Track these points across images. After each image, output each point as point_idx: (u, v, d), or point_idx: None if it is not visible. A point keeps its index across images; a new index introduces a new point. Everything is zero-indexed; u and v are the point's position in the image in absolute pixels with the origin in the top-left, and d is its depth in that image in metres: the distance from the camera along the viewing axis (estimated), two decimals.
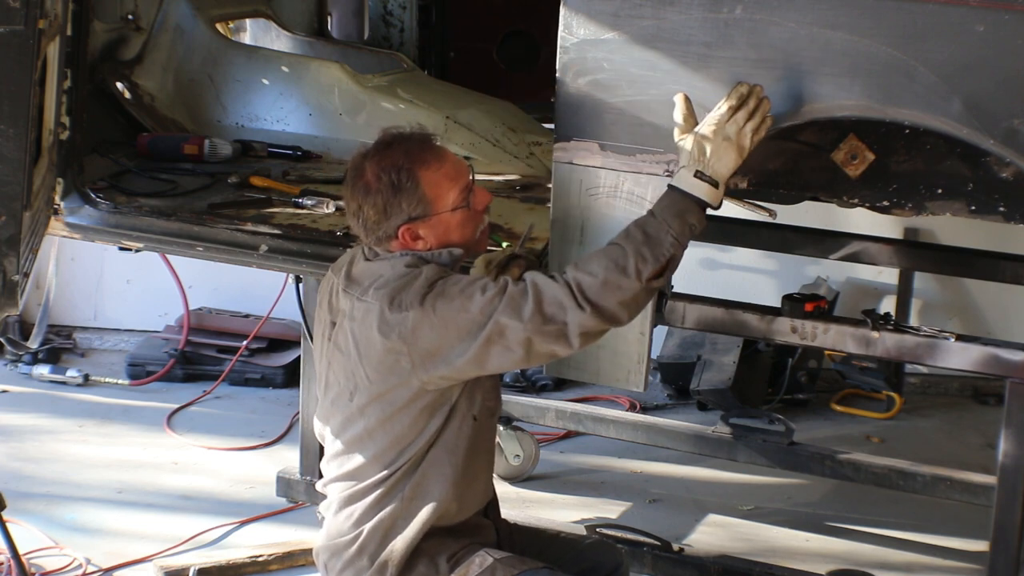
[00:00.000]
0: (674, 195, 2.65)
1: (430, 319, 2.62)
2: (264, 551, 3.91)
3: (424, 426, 2.73)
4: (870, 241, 4.15)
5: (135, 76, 4.11)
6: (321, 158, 4.05)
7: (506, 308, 2.59)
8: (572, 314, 2.57)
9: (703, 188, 2.64)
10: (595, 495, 4.47)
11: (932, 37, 2.61)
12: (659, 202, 2.66)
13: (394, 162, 2.73)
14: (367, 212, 2.75)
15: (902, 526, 4.26)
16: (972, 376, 5.22)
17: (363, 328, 2.71)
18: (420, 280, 2.66)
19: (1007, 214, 2.81)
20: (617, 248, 2.61)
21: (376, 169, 2.74)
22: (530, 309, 2.57)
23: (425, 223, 2.75)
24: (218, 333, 5.48)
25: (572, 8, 2.87)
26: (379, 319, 2.67)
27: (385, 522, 2.76)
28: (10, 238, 3.23)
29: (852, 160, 2.87)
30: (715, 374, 4.99)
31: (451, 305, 2.62)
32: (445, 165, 2.78)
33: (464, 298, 2.62)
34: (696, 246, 4.80)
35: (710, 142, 2.64)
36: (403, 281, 2.68)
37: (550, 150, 3.05)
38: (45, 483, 4.45)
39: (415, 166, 2.73)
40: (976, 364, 2.97)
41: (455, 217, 2.77)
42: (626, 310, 2.60)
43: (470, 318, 2.61)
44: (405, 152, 2.75)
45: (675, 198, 2.64)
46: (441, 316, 2.62)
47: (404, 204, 2.73)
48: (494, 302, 2.60)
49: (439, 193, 2.75)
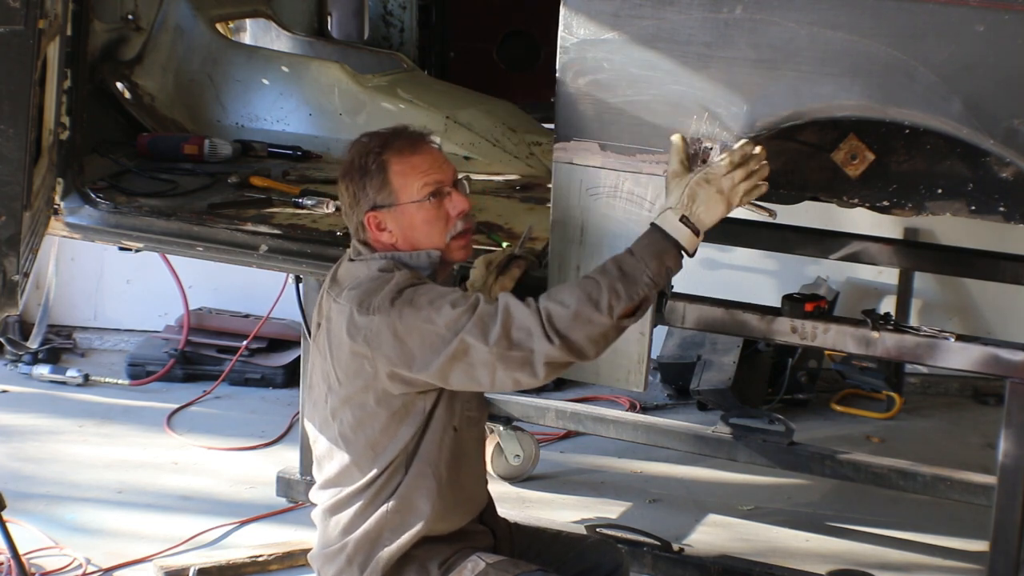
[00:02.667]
0: (655, 235, 2.62)
1: (395, 326, 2.59)
2: (264, 551, 3.91)
3: (396, 433, 2.71)
4: (870, 241, 4.15)
5: (135, 76, 4.11)
6: (321, 158, 4.05)
7: (473, 328, 2.54)
8: (539, 343, 2.51)
9: (685, 233, 2.61)
10: (595, 495, 4.47)
11: (932, 37, 2.61)
12: (639, 240, 2.62)
13: (369, 148, 2.76)
14: (342, 195, 2.80)
15: (902, 526, 4.26)
16: (972, 376, 5.22)
17: (335, 330, 2.70)
18: (391, 285, 2.63)
19: (1007, 214, 2.82)
20: (592, 282, 2.55)
21: (353, 154, 2.78)
22: (497, 333, 2.52)
23: (390, 212, 2.74)
24: (218, 333, 5.48)
25: (572, 8, 2.87)
26: (348, 321, 2.65)
27: (371, 533, 2.75)
28: (10, 238, 3.23)
29: (852, 160, 2.87)
30: (715, 374, 4.99)
31: (418, 315, 2.58)
32: (417, 156, 2.76)
33: (432, 309, 2.57)
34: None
35: (703, 190, 2.63)
36: (374, 284, 2.66)
37: (550, 150, 3.05)
38: (45, 483, 4.45)
39: (386, 153, 2.75)
40: (976, 364, 2.96)
41: (419, 212, 2.74)
42: (594, 346, 2.55)
43: (435, 331, 2.56)
44: (385, 140, 2.77)
45: (656, 238, 2.61)
46: (406, 324, 2.58)
47: (370, 189, 2.74)
48: (461, 319, 2.55)
49: (405, 183, 2.74)
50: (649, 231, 2.63)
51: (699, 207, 2.63)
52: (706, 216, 2.63)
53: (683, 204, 2.63)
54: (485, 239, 3.33)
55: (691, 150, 2.81)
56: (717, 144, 2.79)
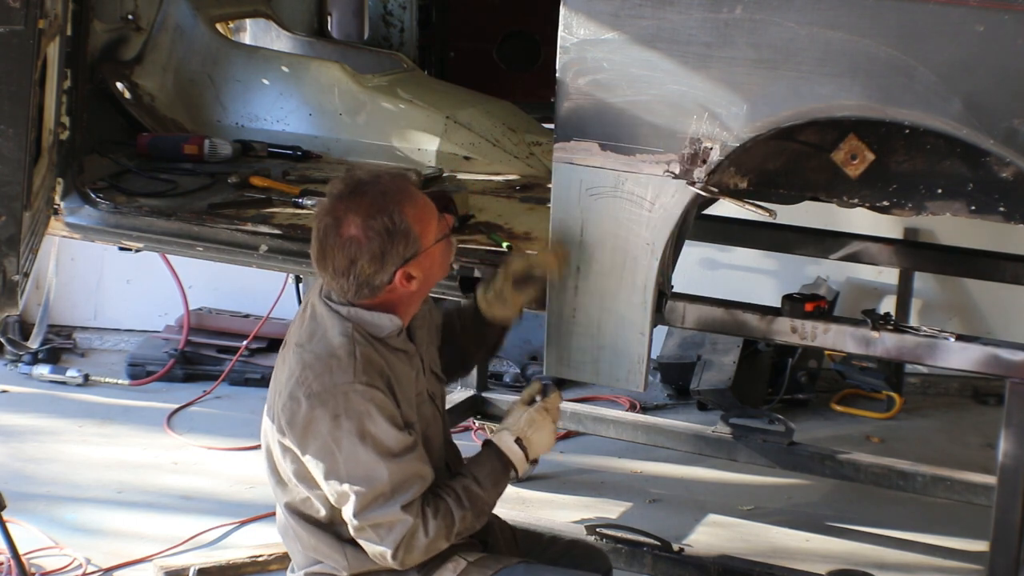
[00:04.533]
0: (492, 456, 2.78)
1: (323, 441, 2.60)
2: (264, 551, 3.91)
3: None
4: (870, 241, 4.15)
5: (135, 76, 4.11)
6: (321, 158, 4.05)
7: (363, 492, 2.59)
8: (387, 545, 2.62)
9: (519, 456, 2.79)
10: (595, 495, 4.47)
11: (932, 37, 2.61)
12: (480, 467, 2.77)
13: (379, 207, 2.62)
14: (361, 267, 2.62)
15: (902, 526, 4.26)
16: (972, 376, 5.22)
17: (281, 376, 2.69)
18: (341, 390, 2.59)
19: (1007, 214, 2.82)
20: (454, 514, 2.67)
21: (362, 219, 2.61)
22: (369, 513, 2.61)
23: (416, 262, 2.67)
24: (218, 333, 5.48)
25: (572, 8, 2.87)
26: (284, 381, 2.66)
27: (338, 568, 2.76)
28: (10, 238, 3.23)
29: (852, 160, 2.87)
30: (715, 374, 4.99)
31: (332, 435, 2.59)
32: (420, 197, 2.71)
33: (371, 455, 2.59)
34: (696, 246, 4.86)
35: (542, 422, 2.82)
36: (321, 365, 2.62)
37: (550, 150, 3.04)
38: (45, 483, 4.45)
39: (400, 205, 2.64)
40: (976, 364, 2.96)
41: (439, 248, 2.72)
42: (421, 560, 2.68)
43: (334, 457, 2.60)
44: (382, 194, 2.65)
45: (494, 464, 2.77)
46: (343, 450, 2.60)
47: (400, 247, 2.63)
48: (382, 493, 2.59)
49: (425, 227, 2.68)
50: (487, 453, 2.79)
51: (535, 434, 2.82)
52: (539, 443, 2.82)
53: (520, 428, 2.81)
54: (485, 239, 3.32)
55: (691, 150, 2.81)
56: (717, 144, 2.79)
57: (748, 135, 2.77)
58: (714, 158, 2.80)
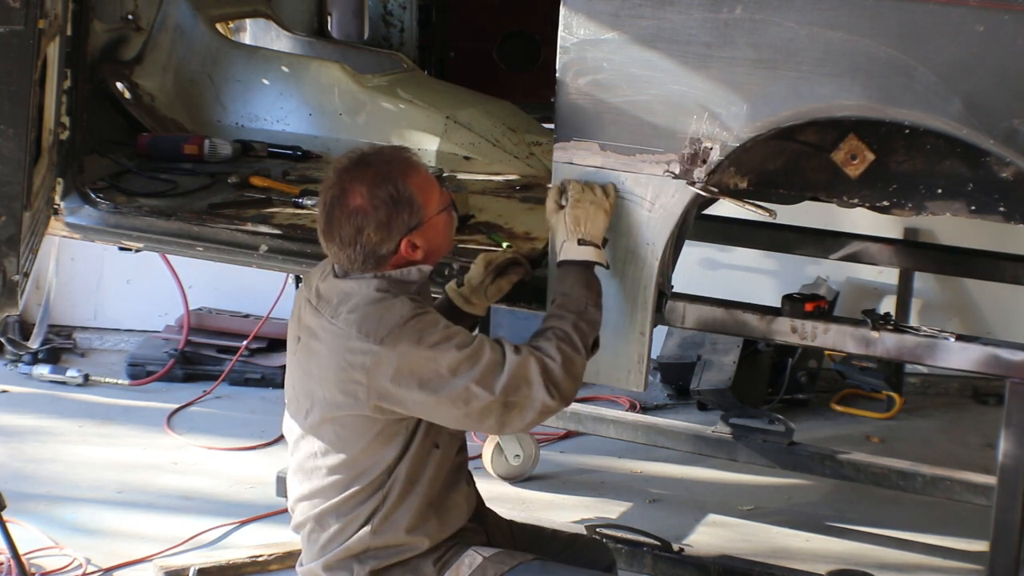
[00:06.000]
0: (569, 268, 2.81)
1: (395, 361, 2.58)
2: (264, 551, 3.92)
3: (378, 453, 2.70)
4: (870, 241, 4.15)
5: (135, 76, 4.11)
6: (321, 158, 4.05)
7: (480, 376, 2.58)
8: (539, 393, 2.61)
9: (590, 251, 2.81)
10: (595, 495, 4.47)
11: (932, 37, 2.61)
12: (561, 283, 2.80)
13: (384, 176, 2.67)
14: (368, 235, 2.66)
15: (902, 526, 4.27)
16: (972, 376, 5.22)
17: (327, 351, 2.66)
18: (393, 315, 2.61)
19: (1007, 214, 2.82)
20: (557, 331, 2.69)
21: (367, 189, 2.66)
22: (503, 383, 2.59)
23: (420, 231, 2.70)
24: (218, 333, 5.48)
25: (572, 8, 2.87)
26: (345, 346, 2.62)
27: (353, 550, 2.74)
28: (10, 238, 3.23)
29: (852, 160, 2.87)
30: (715, 374, 4.99)
31: (420, 354, 2.58)
32: (422, 167, 2.76)
33: (436, 351, 2.59)
34: (696, 246, 4.86)
35: (580, 211, 2.82)
36: (375, 310, 2.63)
37: (550, 150, 3.05)
38: (45, 483, 4.45)
39: (403, 175, 2.68)
40: (976, 364, 2.96)
41: (441, 220, 2.75)
42: (577, 387, 2.69)
43: (436, 372, 2.58)
44: (387, 163, 2.70)
45: (571, 270, 2.80)
46: (408, 361, 2.58)
47: (404, 214, 2.67)
48: (464, 365, 2.58)
49: (427, 198, 2.71)
50: (562, 270, 2.82)
51: (586, 225, 2.83)
52: (595, 229, 2.83)
53: (571, 231, 2.83)
54: (485, 239, 3.32)
55: (691, 150, 2.81)
56: (717, 144, 2.79)
57: (748, 135, 2.77)
58: (714, 158, 2.80)
